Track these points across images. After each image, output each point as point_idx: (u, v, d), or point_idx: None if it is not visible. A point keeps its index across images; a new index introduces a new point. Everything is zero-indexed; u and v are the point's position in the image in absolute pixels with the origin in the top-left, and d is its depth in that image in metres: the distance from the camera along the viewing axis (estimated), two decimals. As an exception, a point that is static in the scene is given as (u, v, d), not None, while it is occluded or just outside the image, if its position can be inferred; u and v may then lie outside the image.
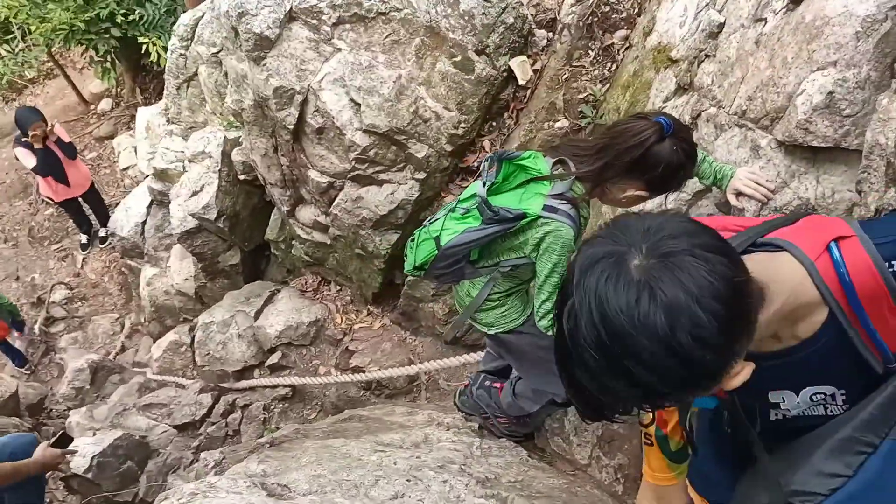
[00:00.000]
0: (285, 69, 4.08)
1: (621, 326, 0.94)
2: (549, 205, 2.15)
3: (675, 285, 0.93)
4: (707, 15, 2.78)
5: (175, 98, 6.89)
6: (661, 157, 2.00)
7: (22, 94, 11.92)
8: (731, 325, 0.96)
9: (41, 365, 7.51)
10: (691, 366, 0.95)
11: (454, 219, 2.36)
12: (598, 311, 0.96)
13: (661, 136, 1.98)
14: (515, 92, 4.17)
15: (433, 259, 2.37)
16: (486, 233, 2.22)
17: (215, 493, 2.41)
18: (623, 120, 2.32)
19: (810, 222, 1.27)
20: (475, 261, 2.40)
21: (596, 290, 0.97)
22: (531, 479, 2.87)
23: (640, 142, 1.99)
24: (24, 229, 9.54)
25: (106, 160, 10.18)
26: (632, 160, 2.02)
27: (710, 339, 0.93)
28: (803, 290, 1.16)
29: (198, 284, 6.13)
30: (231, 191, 5.59)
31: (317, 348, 5.01)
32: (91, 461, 3.92)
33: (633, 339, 0.94)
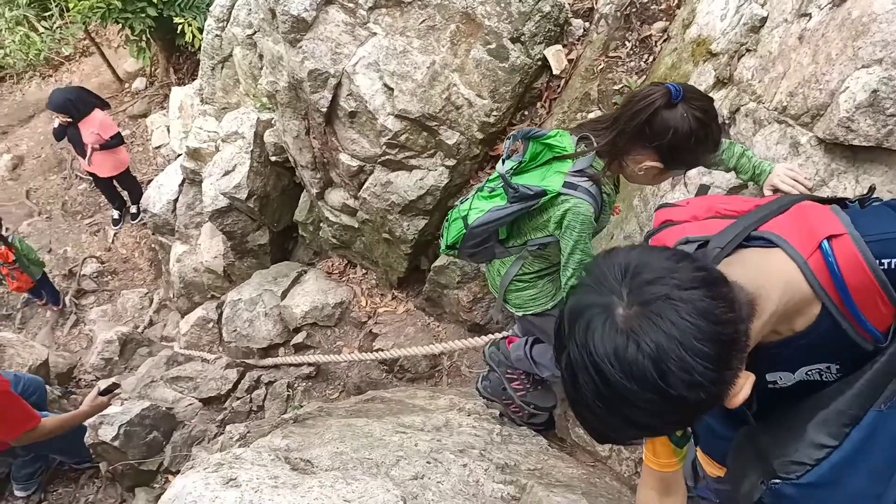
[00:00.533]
0: (320, 52, 4.11)
1: (616, 380, 0.98)
2: (569, 181, 2.15)
3: (658, 334, 0.96)
4: (749, 8, 2.74)
5: (209, 78, 6.96)
6: (668, 123, 1.93)
7: (58, 71, 12.12)
8: (720, 358, 0.99)
9: (71, 335, 7.67)
10: (688, 405, 0.99)
11: (482, 198, 2.38)
12: (592, 364, 1.00)
13: (669, 100, 1.92)
14: (549, 81, 4.16)
15: (462, 237, 2.40)
16: (509, 211, 2.23)
17: (240, 464, 2.46)
18: (638, 89, 2.30)
19: (801, 214, 1.29)
20: (504, 240, 2.43)
21: (586, 343, 1.01)
22: (551, 468, 2.88)
23: (645, 105, 1.94)
24: (58, 203, 9.73)
25: (139, 138, 10.33)
26: (640, 125, 1.97)
27: (701, 379, 0.97)
28: (797, 286, 1.20)
29: (226, 263, 6.21)
30: (262, 172, 5.65)
31: (341, 330, 5.05)
32: (118, 430, 4.00)
33: (628, 390, 0.98)
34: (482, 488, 2.63)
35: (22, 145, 10.85)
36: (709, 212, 1.43)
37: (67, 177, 10.08)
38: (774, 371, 1.37)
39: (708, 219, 1.42)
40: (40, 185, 10.10)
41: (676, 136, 1.93)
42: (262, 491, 2.20)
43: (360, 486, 2.34)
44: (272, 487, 2.25)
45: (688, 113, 1.91)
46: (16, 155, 10.58)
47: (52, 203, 9.77)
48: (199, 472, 2.35)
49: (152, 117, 10.24)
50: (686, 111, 1.92)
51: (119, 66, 11.19)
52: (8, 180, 10.24)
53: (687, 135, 1.93)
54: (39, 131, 10.93)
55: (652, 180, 2.18)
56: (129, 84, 11.11)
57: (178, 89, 8.70)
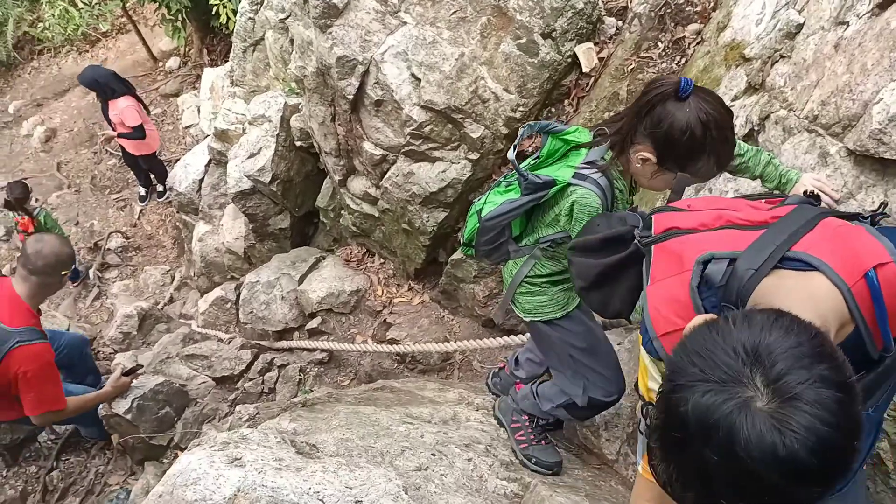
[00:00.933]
0: (350, 39, 4.10)
1: (772, 479, 0.94)
2: (579, 172, 2.10)
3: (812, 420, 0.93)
4: (786, 14, 2.69)
5: (240, 61, 7.00)
6: (667, 114, 1.85)
7: (95, 47, 12.28)
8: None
9: (92, 308, 7.78)
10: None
11: (497, 192, 2.34)
12: (744, 472, 0.94)
13: (676, 92, 1.84)
14: (578, 79, 4.12)
15: (476, 233, 2.37)
16: (521, 202, 2.18)
17: (246, 444, 2.47)
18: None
19: (838, 236, 1.26)
20: (518, 237, 2.39)
21: (732, 449, 0.94)
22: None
23: (656, 93, 1.87)
24: (87, 177, 9.87)
25: (169, 117, 10.43)
26: (646, 113, 1.90)
27: (852, 462, 0.97)
28: (836, 312, 1.18)
29: (247, 245, 6.26)
30: (287, 156, 5.67)
31: (356, 317, 5.07)
32: (132, 403, 4.05)
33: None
34: (485, 484, 2.63)
35: (56, 118, 11.01)
36: (719, 220, 1.38)
37: (98, 151, 10.21)
38: None
39: (722, 228, 1.38)
40: (71, 158, 10.24)
41: (672, 128, 1.85)
42: (265, 472, 2.21)
43: (363, 474, 2.34)
44: (276, 469, 2.26)
45: (692, 109, 1.83)
46: (49, 127, 10.74)
47: (82, 177, 9.91)
48: (205, 450, 2.37)
49: (184, 97, 10.34)
50: (691, 107, 1.83)
51: (154, 44, 11.31)
52: (40, 152, 10.40)
53: (682, 130, 1.84)
54: (73, 105, 11.09)
55: (651, 179, 2.05)
56: (163, 63, 11.23)
57: (210, 70, 8.77)
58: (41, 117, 11.04)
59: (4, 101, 11.78)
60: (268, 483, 2.12)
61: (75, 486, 4.22)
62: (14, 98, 11.75)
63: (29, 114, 11.25)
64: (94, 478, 4.24)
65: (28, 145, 10.57)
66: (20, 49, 12.43)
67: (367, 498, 2.18)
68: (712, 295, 1.27)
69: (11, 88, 12.08)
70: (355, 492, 2.20)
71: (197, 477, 2.12)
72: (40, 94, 11.68)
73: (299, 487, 2.15)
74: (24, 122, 11.00)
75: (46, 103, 11.43)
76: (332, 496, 2.15)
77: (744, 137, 2.72)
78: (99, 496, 4.11)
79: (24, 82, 12.14)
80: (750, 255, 1.25)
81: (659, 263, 1.39)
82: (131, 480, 4.14)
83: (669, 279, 1.33)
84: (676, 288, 1.30)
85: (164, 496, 2.04)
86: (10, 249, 8.73)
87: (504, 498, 2.58)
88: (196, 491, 2.04)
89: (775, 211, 1.39)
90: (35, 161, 10.21)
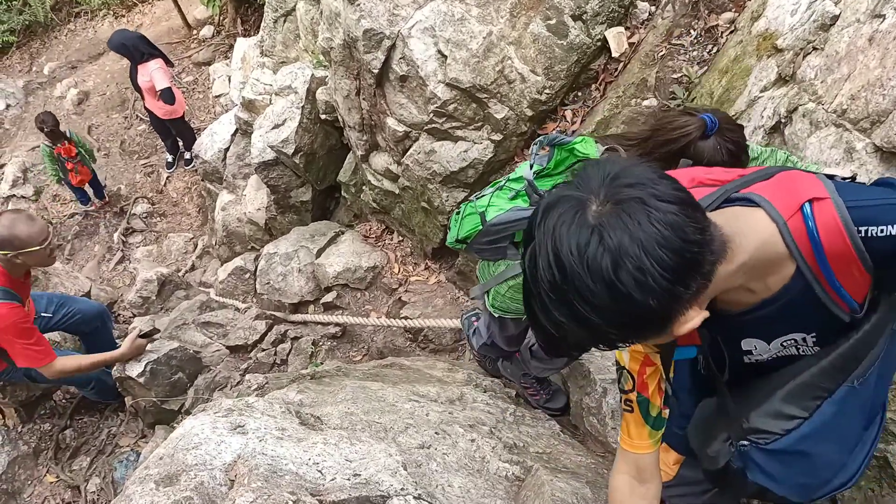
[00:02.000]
0: (378, 12, 4.07)
1: (571, 267, 0.99)
2: None
3: (623, 231, 0.97)
4: (822, 5, 2.61)
5: (271, 31, 6.99)
6: (702, 155, 1.96)
7: (131, 12, 12.35)
8: (678, 272, 0.99)
9: (115, 271, 7.90)
10: (634, 309, 0.99)
11: (502, 197, 2.37)
12: (553, 252, 1.01)
13: (704, 132, 1.95)
14: (607, 63, 4.04)
15: (477, 233, 2.39)
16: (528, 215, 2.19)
17: (251, 412, 2.49)
18: (671, 112, 2.33)
19: (786, 179, 1.27)
20: (518, 243, 2.40)
21: (553, 232, 1.02)
22: (559, 454, 2.85)
23: (679, 136, 1.97)
24: (117, 141, 9.97)
25: (201, 85, 10.49)
26: (672, 153, 1.99)
27: (653, 285, 0.98)
28: (773, 245, 1.19)
29: (268, 216, 6.29)
30: (311, 128, 5.66)
31: (371, 294, 5.07)
32: (145, 367, 4.10)
33: (581, 280, 0.99)
34: (487, 465, 2.62)
35: (89, 81, 11.12)
36: (692, 182, 1.41)
37: (129, 116, 10.31)
38: (750, 337, 1.37)
39: (693, 188, 1.40)
40: (102, 122, 10.35)
41: (709, 165, 1.91)
42: (266, 441, 2.22)
43: (364, 448, 2.34)
44: (277, 439, 2.27)
45: (721, 145, 1.95)
46: (82, 90, 10.86)
47: (112, 141, 10.01)
48: (209, 416, 2.39)
49: (215, 66, 10.38)
50: (720, 143, 1.94)
51: (189, 12, 11.34)
52: (73, 114, 10.52)
53: (721, 165, 1.93)
54: (107, 69, 11.18)
55: None
56: (197, 31, 11.26)
57: (242, 40, 8.78)
58: (75, 80, 11.15)
59: (40, 62, 11.92)
60: (268, 451, 2.14)
61: (87, 445, 4.29)
62: (49, 59, 11.88)
63: (63, 76, 11.37)
64: (106, 438, 4.32)
65: (61, 107, 10.69)
66: (58, 11, 12.54)
67: (366, 472, 2.19)
68: None
69: (47, 50, 12.21)
70: (354, 465, 2.21)
71: (199, 441, 2.13)
72: (75, 57, 11.79)
73: (299, 458, 2.16)
74: (58, 84, 11.12)
75: (81, 66, 11.54)
76: (330, 468, 2.16)
77: (770, 129, 2.66)
78: (109, 456, 4.18)
79: (59, 44, 12.26)
80: (702, 200, 1.28)
81: None
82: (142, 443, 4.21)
83: None
84: None
85: (164, 458, 2.06)
86: (39, 209, 8.88)
87: (505, 480, 2.57)
88: (196, 455, 2.05)
89: (743, 171, 1.40)
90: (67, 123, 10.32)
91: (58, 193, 9.07)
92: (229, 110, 8.01)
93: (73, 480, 4.05)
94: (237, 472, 2.01)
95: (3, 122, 10.61)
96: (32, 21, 12.26)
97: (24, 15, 12.15)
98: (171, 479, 1.97)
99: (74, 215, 8.75)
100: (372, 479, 2.14)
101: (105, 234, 8.56)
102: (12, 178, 9.16)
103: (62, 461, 4.18)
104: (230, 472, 2.02)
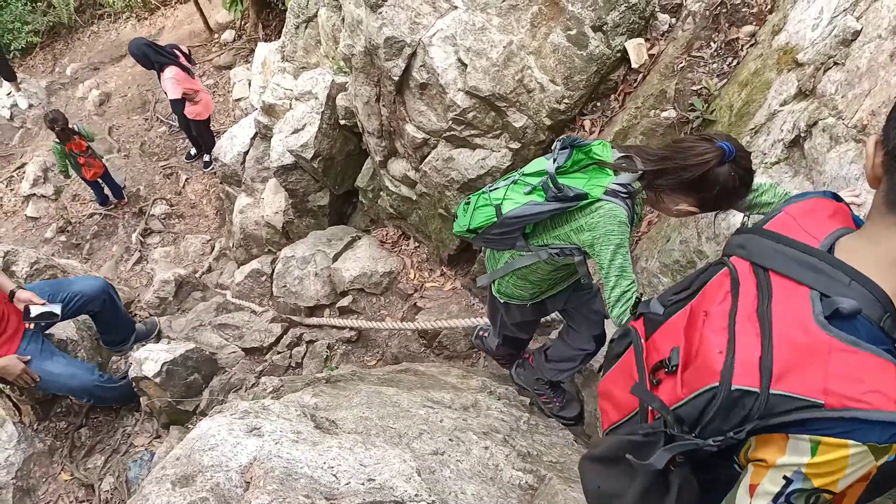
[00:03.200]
0: (399, 20, 4.10)
1: None
2: (612, 189, 2.23)
3: None
4: (844, 20, 2.60)
5: (293, 36, 7.05)
6: (717, 181, 2.04)
7: (154, 14, 12.51)
8: None
9: (133, 272, 7.97)
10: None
11: (518, 191, 2.42)
12: None
13: (722, 160, 2.01)
14: (626, 74, 4.05)
15: (491, 224, 2.46)
16: (547, 208, 2.30)
17: (266, 415, 2.51)
18: (690, 137, 2.39)
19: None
20: (528, 235, 2.49)
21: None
22: (573, 463, 2.85)
23: (699, 163, 2.03)
24: (137, 143, 10.08)
25: (221, 89, 10.59)
26: (689, 178, 2.07)
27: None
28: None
29: (286, 220, 6.33)
30: (330, 134, 5.70)
31: (386, 299, 5.09)
32: (161, 367, 4.12)
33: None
34: (501, 473, 2.62)
35: (111, 83, 11.26)
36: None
37: (149, 118, 10.42)
38: None
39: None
40: (123, 123, 10.47)
41: (721, 191, 2.06)
42: (282, 443, 2.24)
43: (378, 453, 2.36)
44: (293, 442, 2.29)
45: (735, 173, 2.02)
46: (104, 91, 10.99)
47: (132, 142, 10.12)
48: (226, 417, 2.41)
49: (236, 70, 10.48)
50: (734, 171, 2.02)
51: (211, 16, 11.47)
52: (94, 115, 10.66)
53: (732, 191, 2.05)
54: (129, 71, 11.32)
55: (680, 216, 2.28)
56: (219, 35, 11.38)
57: (263, 45, 8.86)
58: (97, 81, 11.30)
59: (63, 63, 12.09)
60: (283, 454, 2.15)
61: (102, 444, 4.32)
62: (72, 60, 12.05)
63: (85, 77, 11.53)
64: (121, 438, 4.34)
65: (82, 107, 10.84)
66: (81, 13, 12.72)
67: (380, 476, 2.20)
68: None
69: (71, 51, 12.38)
70: (369, 469, 2.22)
71: (215, 443, 2.16)
72: (97, 59, 11.95)
73: (314, 461, 2.18)
74: (80, 85, 11.28)
75: (103, 67, 11.70)
76: (345, 472, 2.17)
77: (790, 143, 2.65)
78: (124, 456, 4.20)
79: (82, 45, 12.43)
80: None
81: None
82: (156, 443, 4.23)
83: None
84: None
85: (181, 459, 2.08)
86: (59, 209, 8.99)
87: (518, 489, 2.57)
88: (213, 456, 2.07)
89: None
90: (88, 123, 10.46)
91: (77, 193, 9.19)
92: (249, 114, 8.08)
93: (88, 479, 4.08)
94: (253, 475, 2.03)
95: (25, 122, 10.76)
96: (56, 22, 12.45)
97: (48, 16, 12.34)
98: (187, 480, 1.99)
99: (94, 215, 8.85)
100: (386, 485, 2.15)
101: (123, 234, 8.65)
102: (33, 178, 9.28)
103: (77, 459, 4.21)
104: (246, 473, 2.04)
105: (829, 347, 1.06)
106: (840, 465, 1.06)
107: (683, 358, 1.25)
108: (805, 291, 1.13)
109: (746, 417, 1.10)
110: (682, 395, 1.21)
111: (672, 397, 1.24)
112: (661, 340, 1.36)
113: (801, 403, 1.06)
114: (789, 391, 1.07)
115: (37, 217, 9.01)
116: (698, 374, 1.18)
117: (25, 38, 12.02)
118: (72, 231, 8.70)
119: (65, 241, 8.62)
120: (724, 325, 1.18)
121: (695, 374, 1.19)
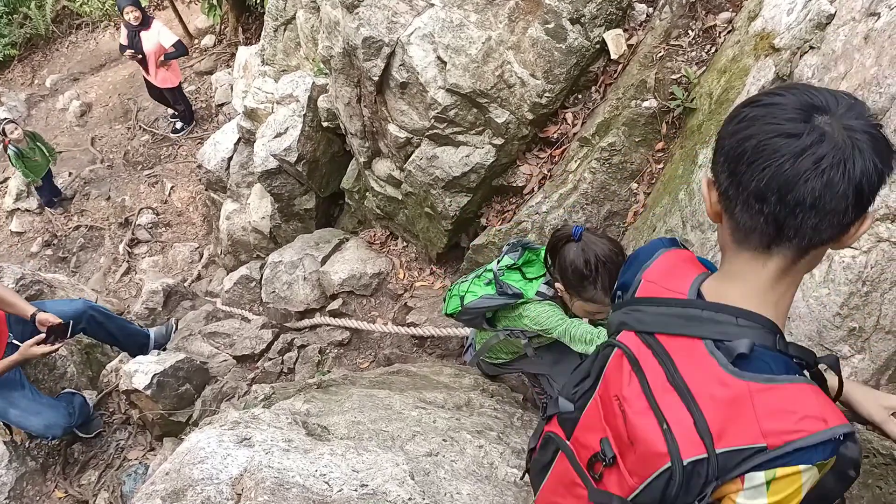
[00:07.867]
0: (377, 20, 4.08)
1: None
2: (540, 291, 2.72)
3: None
4: (817, 4, 2.61)
5: (272, 40, 7.02)
6: (565, 259, 2.41)
7: (132, 22, 12.38)
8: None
9: (122, 283, 7.93)
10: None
11: (479, 284, 2.90)
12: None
13: (569, 239, 2.40)
14: (606, 66, 4.04)
15: (458, 312, 2.97)
16: (495, 302, 2.80)
17: (257, 424, 2.50)
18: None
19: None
20: (490, 319, 2.96)
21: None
22: (567, 459, 2.84)
23: (553, 242, 2.48)
24: (121, 152, 10.01)
25: (203, 94, 10.53)
26: (554, 261, 2.49)
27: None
28: None
29: (273, 224, 6.30)
30: (313, 136, 5.68)
31: (377, 300, 5.08)
32: (152, 379, 4.10)
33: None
34: (496, 471, 2.62)
35: (91, 93, 11.17)
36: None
37: (132, 127, 10.35)
38: None
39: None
40: (105, 133, 10.39)
41: (570, 269, 2.41)
42: (272, 453, 2.23)
43: (371, 458, 2.35)
44: (284, 451, 2.27)
45: (584, 250, 2.36)
46: (84, 102, 10.91)
47: (115, 152, 10.05)
48: (216, 429, 2.39)
49: (217, 75, 10.42)
50: (582, 249, 2.36)
51: (190, 21, 11.39)
52: (75, 126, 10.57)
53: (579, 271, 2.38)
54: (109, 80, 11.24)
55: (585, 316, 2.60)
56: (199, 40, 11.31)
57: (244, 49, 8.80)
58: (77, 91, 11.20)
59: (42, 75, 11.98)
60: (274, 464, 2.14)
61: (95, 459, 4.29)
62: (51, 72, 11.94)
63: (65, 88, 11.43)
64: (115, 452, 4.31)
65: (63, 119, 10.75)
66: (59, 23, 12.60)
67: (373, 482, 2.19)
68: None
69: (49, 62, 12.27)
70: (361, 475, 2.22)
71: (205, 456, 2.14)
72: (77, 69, 11.85)
73: (305, 469, 2.17)
74: (61, 96, 11.18)
75: (83, 77, 11.60)
76: (337, 479, 2.16)
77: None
78: (118, 470, 4.18)
79: (61, 56, 12.33)
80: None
81: None
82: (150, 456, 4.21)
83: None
84: None
85: (170, 473, 2.07)
86: (44, 222, 8.93)
87: (514, 486, 2.57)
88: (203, 470, 2.06)
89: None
90: (70, 135, 10.39)
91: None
92: (232, 119, 8.04)
93: (82, 495, 4.05)
94: (243, 486, 2.01)
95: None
96: (34, 34, 12.33)
97: (25, 28, 12.22)
98: (177, 495, 1.98)
99: (79, 227, 8.80)
100: (379, 490, 2.14)
101: (110, 245, 8.59)
102: (16, 192, 9.21)
103: (70, 476, 4.18)
104: (236, 486, 2.03)
105: (749, 391, 1.10)
106: (796, 494, 1.10)
107: (617, 447, 1.26)
108: (699, 344, 1.16)
109: (705, 483, 1.13)
110: (635, 483, 1.21)
111: (624, 489, 1.24)
112: (585, 436, 1.37)
113: (747, 453, 1.09)
114: (733, 445, 1.10)
115: (21, 231, 8.95)
116: (645, 459, 1.18)
117: (3, 50, 11.91)
118: (58, 244, 8.64)
119: (51, 254, 8.57)
120: (646, 405, 1.19)
121: (641, 461, 1.20)
